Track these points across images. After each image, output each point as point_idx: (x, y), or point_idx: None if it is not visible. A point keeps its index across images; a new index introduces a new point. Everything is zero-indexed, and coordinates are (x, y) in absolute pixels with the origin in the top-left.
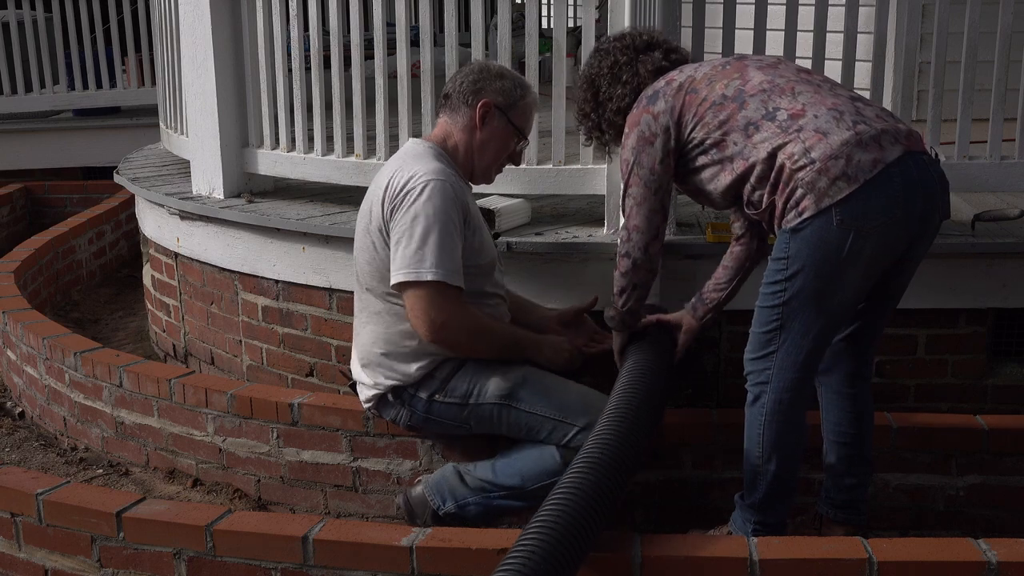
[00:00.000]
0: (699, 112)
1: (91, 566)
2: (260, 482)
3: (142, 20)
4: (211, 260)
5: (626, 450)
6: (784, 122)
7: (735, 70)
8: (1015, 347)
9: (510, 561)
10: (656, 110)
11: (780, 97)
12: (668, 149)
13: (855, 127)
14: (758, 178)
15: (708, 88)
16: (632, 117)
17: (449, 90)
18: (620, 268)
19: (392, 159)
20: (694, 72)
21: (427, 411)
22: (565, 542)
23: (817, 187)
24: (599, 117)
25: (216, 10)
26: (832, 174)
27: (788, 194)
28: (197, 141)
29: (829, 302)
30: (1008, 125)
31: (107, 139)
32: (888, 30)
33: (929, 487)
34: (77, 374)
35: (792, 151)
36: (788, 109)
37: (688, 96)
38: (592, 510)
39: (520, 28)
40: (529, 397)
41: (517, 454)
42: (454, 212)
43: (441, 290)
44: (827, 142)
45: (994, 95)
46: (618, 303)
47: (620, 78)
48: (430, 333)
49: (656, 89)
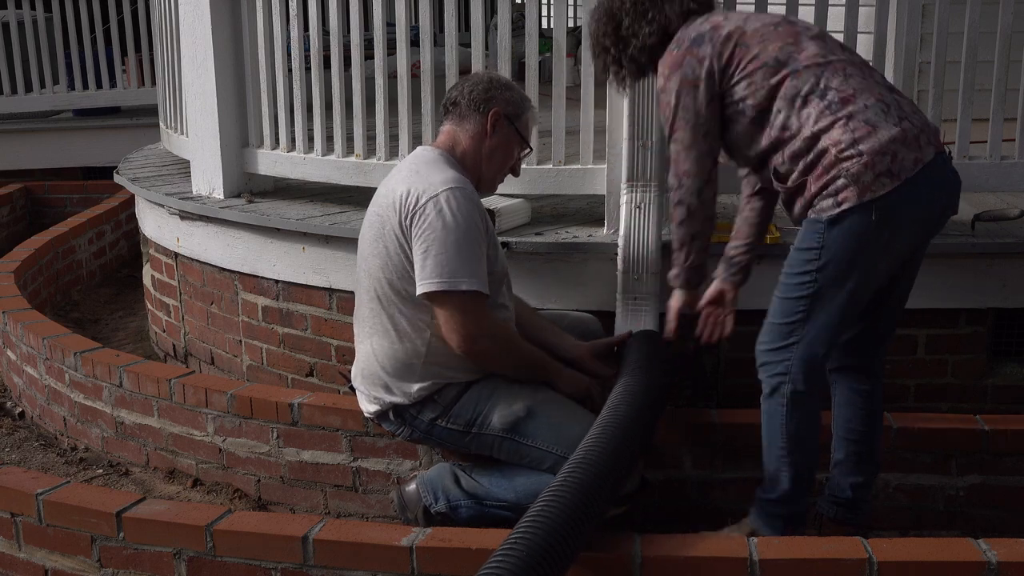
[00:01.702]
0: (748, 68)
1: (91, 566)
2: (260, 482)
3: (142, 20)
4: (211, 260)
5: (619, 452)
6: (834, 103)
7: (788, 35)
8: (1015, 347)
9: (496, 561)
10: (702, 54)
11: (832, 76)
12: (713, 93)
13: (901, 123)
14: (793, 153)
15: (760, 46)
16: (673, 58)
17: (456, 98)
18: (675, 219)
19: (403, 166)
20: (743, 24)
21: (428, 432)
22: (553, 541)
23: (862, 180)
24: (619, 52)
25: (216, 10)
26: (878, 169)
27: (828, 181)
28: (197, 141)
29: (857, 295)
30: (1008, 125)
31: (107, 139)
32: (888, 30)
33: (929, 487)
34: (77, 374)
35: (839, 138)
36: (839, 90)
37: (738, 49)
38: (581, 508)
39: (520, 28)
40: (533, 431)
41: (515, 471)
42: (479, 220)
43: (476, 300)
44: (876, 137)
45: (994, 95)
46: (680, 259)
47: (646, 15)
48: (464, 343)
49: (701, 32)
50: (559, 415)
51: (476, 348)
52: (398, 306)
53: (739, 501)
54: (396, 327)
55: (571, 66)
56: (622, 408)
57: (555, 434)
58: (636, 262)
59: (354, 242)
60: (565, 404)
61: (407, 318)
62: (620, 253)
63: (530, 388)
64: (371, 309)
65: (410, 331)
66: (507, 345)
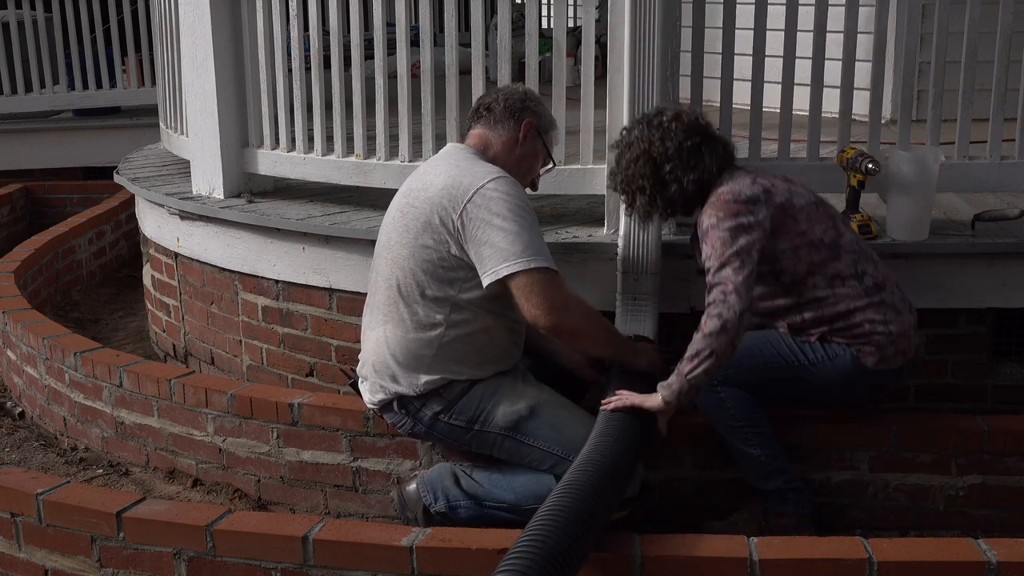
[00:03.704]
0: (797, 243)
1: (91, 566)
2: (260, 482)
3: (142, 20)
4: (211, 260)
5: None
6: (869, 288)
7: (827, 216)
8: (1015, 347)
9: (511, 560)
10: (759, 214)
11: (866, 262)
12: (761, 249)
13: (911, 312)
14: (819, 319)
15: (808, 224)
16: (730, 207)
17: (491, 104)
18: (704, 328)
19: (437, 160)
20: (789, 195)
21: (430, 427)
22: (569, 539)
23: (885, 352)
24: (655, 192)
25: (216, 10)
26: (900, 346)
27: (859, 344)
28: (197, 141)
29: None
30: (1008, 125)
31: (107, 139)
32: (888, 30)
33: (929, 487)
34: (77, 374)
35: (874, 317)
36: (873, 276)
37: (788, 220)
38: (591, 512)
39: (520, 28)
40: (535, 431)
41: (515, 472)
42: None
43: (553, 275)
44: (901, 320)
45: (994, 95)
46: (685, 369)
47: (689, 163)
48: (553, 317)
49: (755, 193)
50: (561, 416)
51: (564, 320)
52: (417, 298)
53: (739, 501)
54: (413, 317)
55: (571, 66)
56: (619, 413)
57: (556, 435)
58: (636, 262)
59: (354, 242)
60: (567, 406)
61: (424, 311)
62: (620, 253)
63: (534, 388)
64: (388, 297)
65: (426, 323)
66: (593, 315)
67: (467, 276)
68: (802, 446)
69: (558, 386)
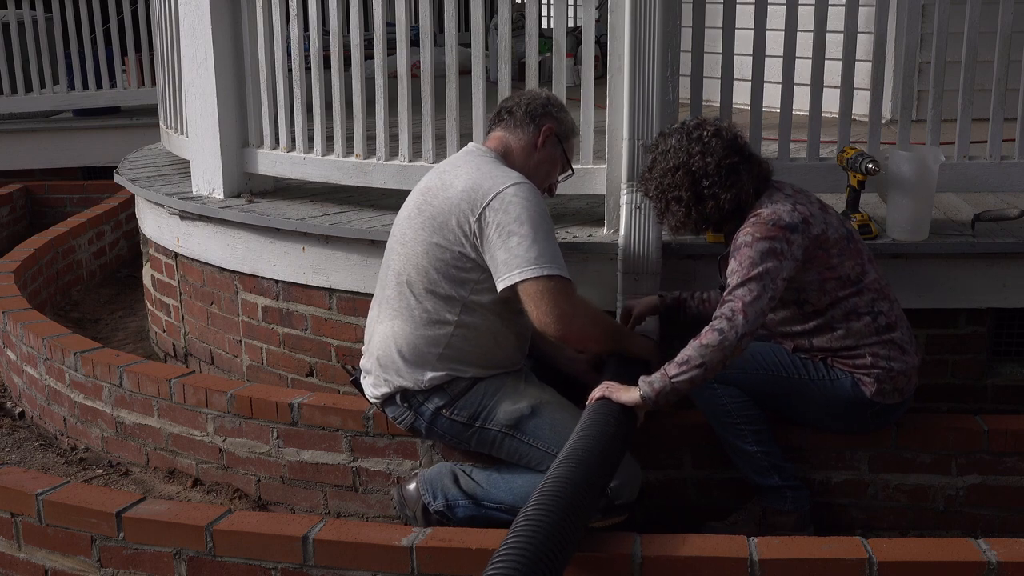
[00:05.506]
0: (825, 276)
1: (91, 566)
2: (260, 482)
3: (142, 20)
4: (211, 260)
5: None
6: (882, 327)
7: (857, 254)
8: (1015, 347)
9: (496, 565)
10: (794, 241)
11: (883, 301)
12: (789, 276)
13: (917, 353)
14: (830, 348)
15: (839, 259)
16: (768, 229)
17: (513, 107)
18: (703, 339)
19: (458, 160)
20: (824, 227)
21: (431, 422)
22: (553, 539)
23: (884, 387)
24: (691, 205)
25: (216, 10)
26: (899, 384)
27: (864, 373)
28: (197, 141)
29: (793, 412)
30: (1008, 125)
31: (107, 139)
32: (888, 30)
33: (929, 487)
34: (77, 374)
35: (881, 353)
36: (887, 316)
37: (820, 252)
38: (572, 508)
39: (520, 28)
40: (535, 430)
41: (513, 473)
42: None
43: (564, 283)
44: (904, 360)
45: (994, 95)
46: (672, 371)
47: (727, 180)
48: (562, 325)
49: (794, 221)
50: (562, 417)
51: (572, 328)
52: (427, 295)
53: (739, 501)
54: (423, 313)
55: (571, 66)
56: (603, 405)
57: (556, 436)
58: (636, 262)
59: (354, 242)
60: (568, 408)
61: (434, 308)
62: (620, 253)
63: (536, 388)
64: (399, 292)
65: (435, 320)
66: (599, 321)
67: (480, 279)
68: (802, 446)
69: (559, 388)
